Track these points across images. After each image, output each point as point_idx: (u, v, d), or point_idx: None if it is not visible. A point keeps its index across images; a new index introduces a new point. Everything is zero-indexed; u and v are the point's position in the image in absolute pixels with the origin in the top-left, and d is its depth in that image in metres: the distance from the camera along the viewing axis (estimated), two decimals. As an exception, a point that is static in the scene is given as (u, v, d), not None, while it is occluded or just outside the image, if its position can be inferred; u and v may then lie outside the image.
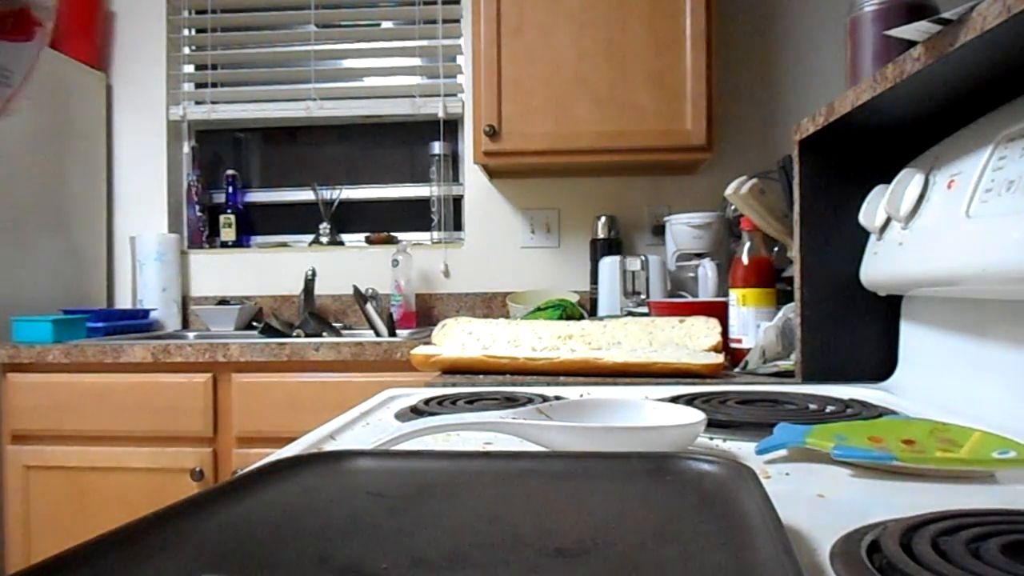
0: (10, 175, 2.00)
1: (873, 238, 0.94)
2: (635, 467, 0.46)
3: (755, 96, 2.30)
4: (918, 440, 0.57)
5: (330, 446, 0.67)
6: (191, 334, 2.25)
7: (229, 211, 2.49)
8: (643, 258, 1.91)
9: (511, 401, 0.83)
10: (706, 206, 2.14)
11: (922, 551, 0.35)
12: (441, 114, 2.39)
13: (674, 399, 0.79)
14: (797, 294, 1.02)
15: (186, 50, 2.51)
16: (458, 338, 1.29)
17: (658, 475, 0.45)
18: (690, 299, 1.71)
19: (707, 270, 1.69)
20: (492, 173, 2.30)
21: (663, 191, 2.33)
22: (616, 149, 1.96)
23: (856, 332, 1.00)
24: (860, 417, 0.71)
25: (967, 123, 0.79)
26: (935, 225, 0.78)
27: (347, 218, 2.53)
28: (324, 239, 2.46)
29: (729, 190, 1.34)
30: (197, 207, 2.51)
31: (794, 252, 1.04)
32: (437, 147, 2.43)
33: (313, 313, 2.18)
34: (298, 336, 2.03)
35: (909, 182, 0.84)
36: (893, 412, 0.75)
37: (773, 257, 1.28)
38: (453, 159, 2.48)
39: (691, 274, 1.93)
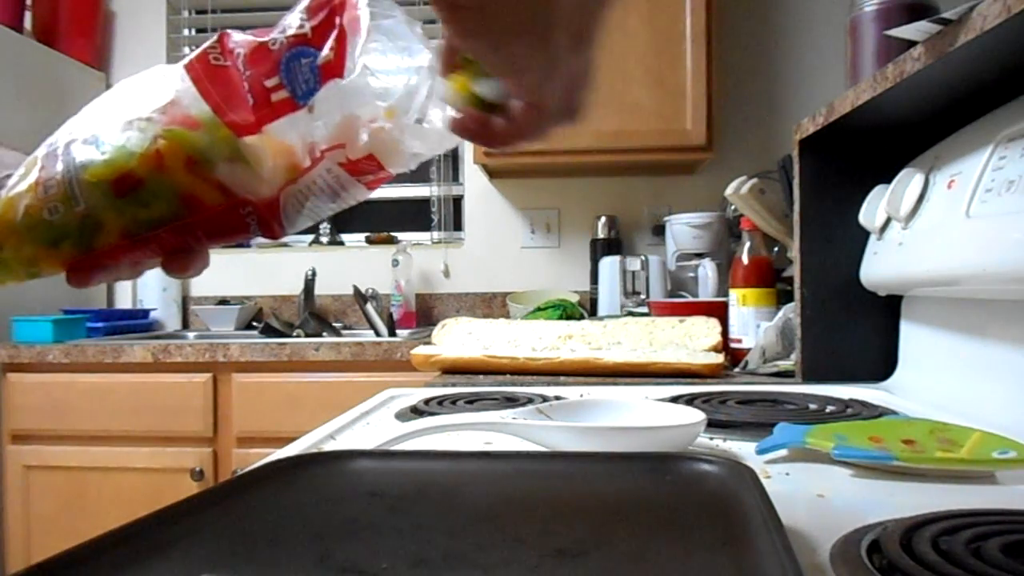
0: (10, 175, 2.00)
1: (873, 238, 0.94)
2: (635, 467, 0.46)
3: (755, 96, 2.30)
4: (918, 440, 0.57)
5: (330, 446, 0.67)
6: (191, 334, 2.25)
7: (229, 211, 2.49)
8: (643, 258, 1.91)
9: (511, 401, 0.83)
10: (706, 206, 2.14)
11: (922, 551, 0.35)
12: (441, 114, 2.39)
13: (674, 399, 0.79)
14: (797, 294, 1.02)
15: (186, 50, 2.51)
16: (458, 338, 1.29)
17: (658, 475, 0.45)
18: (690, 299, 1.71)
19: (707, 270, 1.69)
20: (492, 173, 2.30)
21: (663, 191, 2.33)
22: (616, 149, 1.96)
23: (856, 332, 1.00)
24: (860, 417, 0.71)
25: (967, 123, 0.79)
26: (935, 225, 0.78)
27: (347, 218, 2.52)
28: (324, 239, 2.46)
29: (729, 190, 1.34)
30: (197, 207, 2.51)
31: (794, 252, 1.04)
32: (437, 147, 2.42)
33: (313, 313, 2.18)
34: (298, 336, 2.03)
35: (909, 182, 0.84)
36: (893, 412, 0.75)
37: (773, 257, 1.28)
38: (453, 159, 2.48)
39: (691, 274, 1.93)
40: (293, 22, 0.38)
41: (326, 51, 0.38)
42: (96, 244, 0.38)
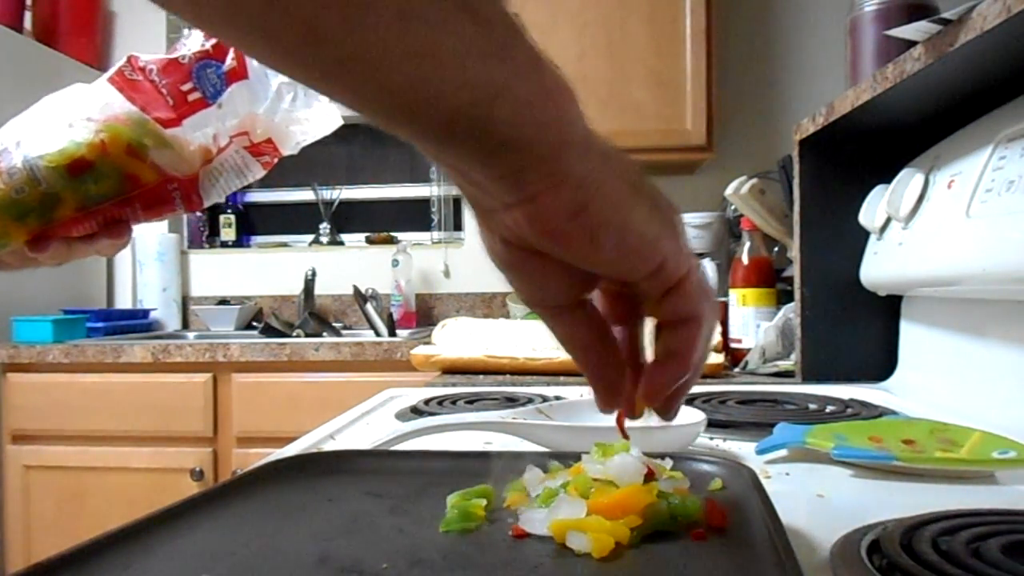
0: (10, 175, 2.00)
1: (873, 238, 0.94)
2: (635, 467, 0.46)
3: (755, 96, 2.30)
4: (918, 440, 0.57)
5: (330, 446, 0.67)
6: (191, 334, 2.25)
7: (229, 211, 2.49)
8: (643, 258, 1.91)
9: (511, 401, 0.83)
10: (706, 206, 2.13)
11: (922, 551, 0.35)
12: (441, 114, 2.39)
13: (674, 399, 0.79)
14: (797, 294, 1.02)
15: (186, 50, 2.51)
16: (458, 338, 1.29)
17: (658, 475, 0.44)
18: (690, 299, 1.71)
19: (707, 270, 1.69)
20: (492, 173, 2.29)
21: (663, 191, 2.32)
22: (616, 149, 1.95)
23: (856, 332, 1.00)
24: (860, 417, 0.71)
25: (967, 123, 0.79)
26: (935, 225, 0.78)
27: (347, 218, 2.52)
28: (324, 239, 2.46)
29: (729, 190, 1.34)
30: (197, 207, 2.51)
31: (794, 252, 1.04)
32: (437, 147, 2.42)
33: (313, 313, 2.18)
34: (298, 336, 2.03)
35: (909, 182, 0.84)
36: (893, 412, 0.75)
37: (773, 257, 1.28)
38: (453, 159, 2.47)
39: (691, 274, 1.93)
40: (195, 43, 0.49)
41: (229, 60, 0.49)
42: (55, 216, 0.47)
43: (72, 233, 0.49)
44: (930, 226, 0.79)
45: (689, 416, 0.59)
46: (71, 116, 0.48)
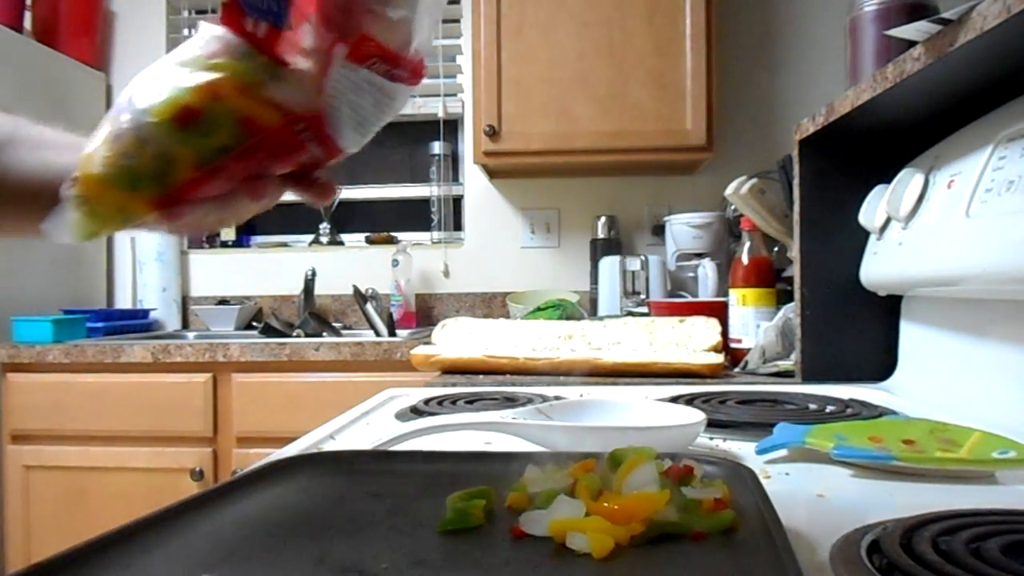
0: (10, 175, 2.00)
1: (873, 238, 0.94)
2: (635, 467, 0.46)
3: (755, 96, 2.30)
4: (918, 440, 0.57)
5: (330, 446, 0.67)
6: (191, 334, 2.25)
7: (229, 211, 2.49)
8: (643, 258, 1.91)
9: (511, 401, 0.83)
10: (706, 206, 2.13)
11: (922, 551, 0.35)
12: (441, 114, 2.39)
13: (674, 399, 0.79)
14: (797, 294, 1.02)
15: (186, 50, 2.51)
16: (458, 338, 1.29)
17: (658, 475, 0.44)
18: (690, 299, 1.71)
19: (707, 270, 1.69)
20: (492, 173, 2.30)
21: (663, 191, 2.33)
22: (616, 149, 1.95)
23: (856, 332, 1.00)
24: (860, 417, 0.71)
25: (967, 123, 0.79)
26: (935, 225, 0.78)
27: (347, 218, 2.52)
28: (324, 239, 2.46)
29: (729, 190, 1.34)
30: (197, 207, 2.50)
31: (794, 252, 1.04)
32: (437, 147, 2.42)
33: (313, 313, 2.18)
34: (298, 336, 2.03)
35: (909, 182, 0.84)
36: (893, 412, 0.75)
37: (773, 257, 1.28)
38: (453, 159, 2.48)
39: (691, 274, 1.93)
40: None
41: None
42: (172, 180, 0.41)
43: (203, 195, 0.42)
44: (930, 226, 0.79)
45: (689, 416, 0.59)
46: (177, 59, 0.42)
